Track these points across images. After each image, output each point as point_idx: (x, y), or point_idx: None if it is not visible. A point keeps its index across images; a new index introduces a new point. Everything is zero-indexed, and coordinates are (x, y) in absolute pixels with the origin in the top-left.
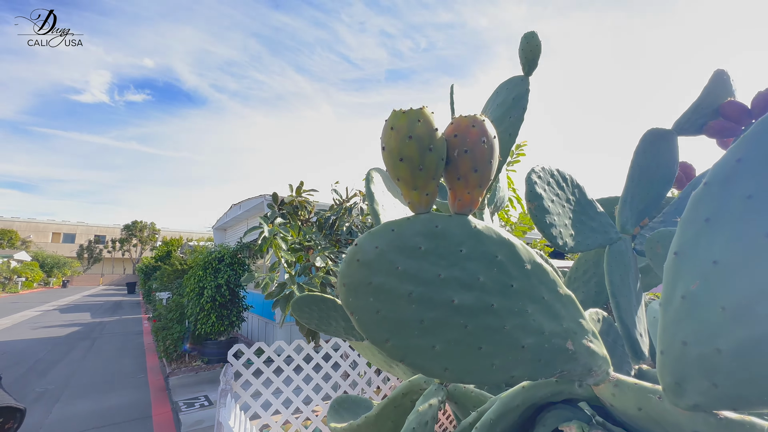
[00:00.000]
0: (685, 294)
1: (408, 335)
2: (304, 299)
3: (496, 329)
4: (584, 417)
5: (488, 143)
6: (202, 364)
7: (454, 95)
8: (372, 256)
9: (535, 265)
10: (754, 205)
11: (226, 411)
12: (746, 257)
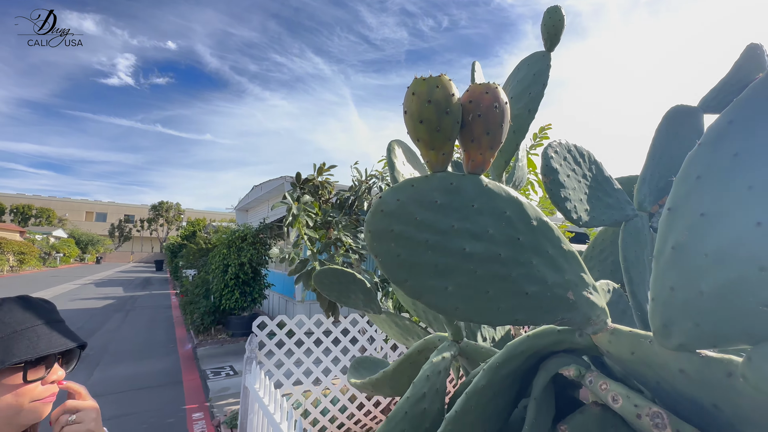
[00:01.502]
0: (674, 245)
1: (424, 277)
2: (326, 272)
3: (503, 277)
4: (583, 364)
5: (500, 108)
6: (226, 337)
7: (476, 73)
8: (394, 207)
9: (541, 222)
10: (740, 162)
11: (251, 377)
12: (729, 209)
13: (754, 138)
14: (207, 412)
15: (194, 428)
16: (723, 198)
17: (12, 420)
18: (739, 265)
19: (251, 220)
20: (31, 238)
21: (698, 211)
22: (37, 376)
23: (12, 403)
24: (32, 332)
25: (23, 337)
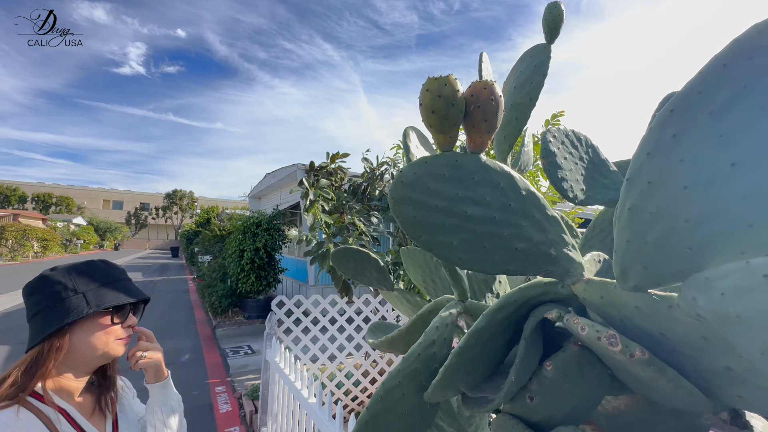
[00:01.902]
0: (630, 207)
1: (434, 234)
2: (342, 251)
3: (497, 235)
4: (565, 310)
5: (495, 101)
6: (243, 319)
7: (483, 63)
8: (411, 179)
9: (530, 192)
10: (677, 141)
11: (271, 351)
12: (667, 177)
13: (686, 123)
14: (228, 386)
15: (218, 400)
16: (664, 169)
17: (101, 353)
18: (671, 219)
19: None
20: (53, 226)
21: (646, 180)
22: (120, 320)
23: (103, 339)
24: (114, 286)
25: (109, 289)
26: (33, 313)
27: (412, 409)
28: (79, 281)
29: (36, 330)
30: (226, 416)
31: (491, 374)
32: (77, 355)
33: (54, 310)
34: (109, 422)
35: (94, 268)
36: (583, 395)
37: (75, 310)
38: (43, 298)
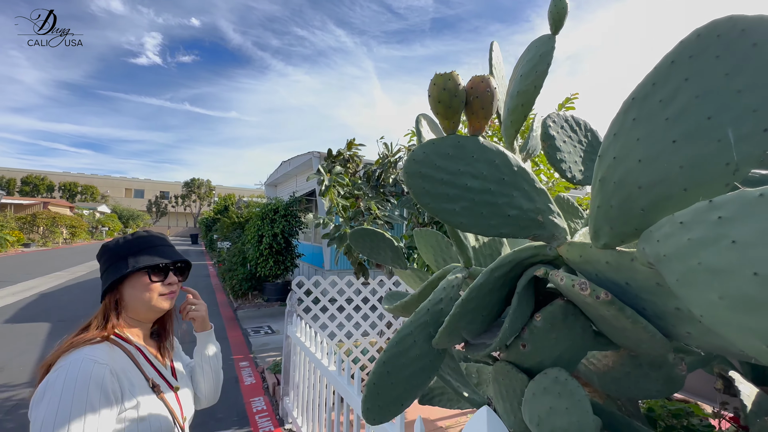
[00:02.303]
0: (600, 178)
1: (440, 202)
2: (359, 231)
3: (492, 203)
4: (552, 269)
5: (491, 92)
6: (262, 302)
7: (493, 53)
8: (421, 157)
9: (521, 168)
10: (636, 124)
11: (292, 327)
12: (627, 153)
13: (643, 109)
14: (251, 361)
15: (242, 373)
16: (625, 146)
17: (148, 305)
18: (629, 187)
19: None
20: (80, 213)
21: (612, 155)
22: (158, 279)
23: (147, 294)
24: (152, 251)
25: (147, 254)
26: (100, 274)
27: (421, 354)
28: (124, 248)
29: (102, 287)
30: (251, 388)
31: (489, 326)
32: (131, 307)
33: (109, 271)
34: (167, 364)
35: (138, 237)
36: (569, 344)
37: (120, 270)
38: (103, 263)
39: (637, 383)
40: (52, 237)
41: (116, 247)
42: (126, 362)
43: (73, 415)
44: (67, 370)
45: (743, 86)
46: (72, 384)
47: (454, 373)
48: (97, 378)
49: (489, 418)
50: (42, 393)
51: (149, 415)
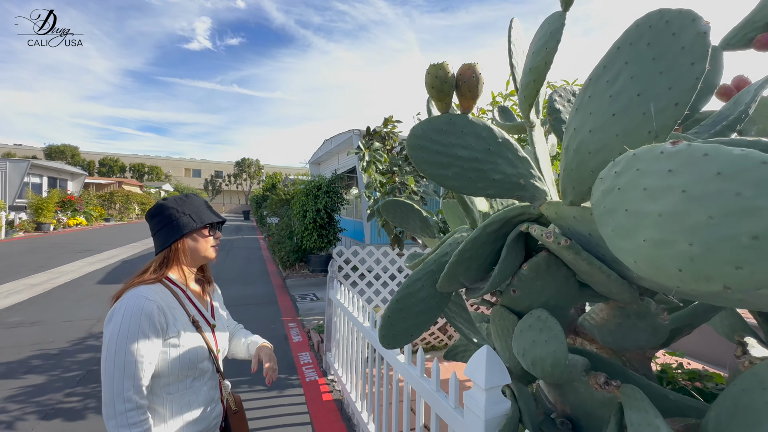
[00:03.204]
0: (566, 146)
1: (436, 168)
2: (390, 202)
3: (480, 169)
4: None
5: (476, 77)
6: (308, 272)
7: (512, 30)
8: (420, 132)
9: (505, 139)
10: (591, 99)
11: (333, 291)
12: (583, 124)
13: (596, 88)
14: (299, 323)
15: (291, 333)
16: (582, 119)
17: (203, 254)
18: (583, 152)
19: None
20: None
21: (573, 127)
22: (211, 233)
23: (203, 245)
24: (205, 210)
25: (202, 212)
26: (158, 228)
27: (428, 296)
28: (185, 207)
29: (162, 239)
30: (298, 344)
31: (485, 274)
32: (188, 255)
33: (173, 225)
34: (208, 306)
35: (191, 198)
36: (554, 291)
37: (188, 225)
38: (164, 218)
39: (629, 334)
40: (127, 213)
41: (176, 205)
42: (172, 300)
43: (129, 337)
44: (127, 302)
45: (664, 68)
46: (129, 313)
47: (466, 323)
48: (146, 311)
49: (488, 353)
50: (110, 317)
51: (188, 345)
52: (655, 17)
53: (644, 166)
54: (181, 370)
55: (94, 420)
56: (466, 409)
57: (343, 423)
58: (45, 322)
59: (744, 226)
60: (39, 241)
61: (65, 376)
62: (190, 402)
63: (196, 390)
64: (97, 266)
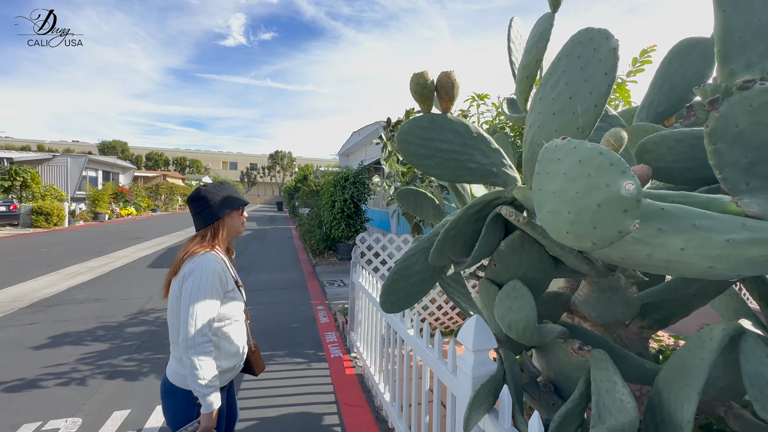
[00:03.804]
0: (524, 139)
1: (420, 158)
2: (404, 191)
3: (457, 160)
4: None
5: (451, 83)
6: (336, 260)
7: (511, 29)
8: (407, 129)
9: (479, 134)
10: (541, 101)
11: (356, 275)
12: (534, 121)
13: (544, 91)
14: (326, 306)
15: (319, 314)
16: (535, 117)
17: (236, 231)
18: (534, 145)
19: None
20: (189, 184)
21: (529, 123)
22: (243, 213)
23: (237, 223)
24: (238, 194)
25: (236, 196)
26: (201, 209)
27: (422, 269)
28: (223, 191)
29: (206, 217)
30: (325, 325)
31: (470, 251)
32: (226, 230)
33: (215, 206)
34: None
35: (225, 184)
36: (530, 265)
37: (228, 206)
38: (205, 201)
39: (607, 307)
40: (171, 204)
41: (217, 190)
42: (224, 264)
43: (207, 289)
44: (202, 263)
45: (587, 77)
46: (205, 271)
47: (464, 297)
48: (216, 270)
49: (477, 321)
50: (189, 273)
51: (236, 299)
52: (583, 34)
53: (548, 155)
54: (231, 316)
55: (148, 381)
56: (458, 370)
57: (363, 394)
58: (105, 299)
59: (593, 197)
60: (96, 230)
61: (124, 344)
62: (232, 340)
63: (237, 332)
64: (147, 252)
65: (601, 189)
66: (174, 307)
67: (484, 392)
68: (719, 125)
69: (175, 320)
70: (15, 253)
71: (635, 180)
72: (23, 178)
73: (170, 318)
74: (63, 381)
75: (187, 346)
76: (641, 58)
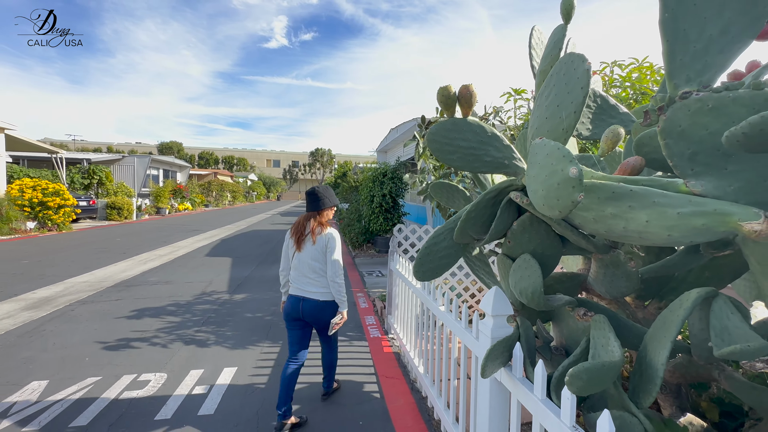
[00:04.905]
0: (527, 137)
1: (445, 154)
2: (437, 184)
3: (475, 154)
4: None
5: (470, 93)
6: (374, 252)
7: (532, 39)
8: (435, 131)
9: (493, 134)
10: (537, 107)
11: (393, 263)
12: (532, 123)
13: (540, 99)
14: (365, 293)
15: (359, 301)
16: (533, 120)
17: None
18: (531, 142)
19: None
20: (237, 181)
21: (529, 125)
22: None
23: (331, 213)
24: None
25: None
26: (317, 200)
27: (448, 246)
28: (327, 193)
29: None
30: (364, 310)
31: (487, 230)
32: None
33: (329, 199)
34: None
35: (328, 188)
36: (539, 241)
37: (332, 201)
38: (321, 196)
39: (612, 282)
40: (221, 200)
41: (326, 190)
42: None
43: (339, 249)
44: (334, 232)
45: (569, 90)
46: (337, 237)
47: (487, 275)
48: (340, 237)
49: (496, 290)
50: (329, 239)
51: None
52: (567, 58)
53: (532, 150)
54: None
55: (215, 349)
56: (480, 333)
57: (399, 369)
58: (173, 282)
59: (555, 178)
60: (159, 222)
61: (193, 318)
62: None
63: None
64: (204, 243)
65: (558, 173)
66: (317, 257)
67: (500, 348)
68: (666, 125)
69: (317, 264)
70: (97, 242)
71: (578, 166)
72: (99, 177)
73: (312, 263)
74: (149, 344)
75: (335, 276)
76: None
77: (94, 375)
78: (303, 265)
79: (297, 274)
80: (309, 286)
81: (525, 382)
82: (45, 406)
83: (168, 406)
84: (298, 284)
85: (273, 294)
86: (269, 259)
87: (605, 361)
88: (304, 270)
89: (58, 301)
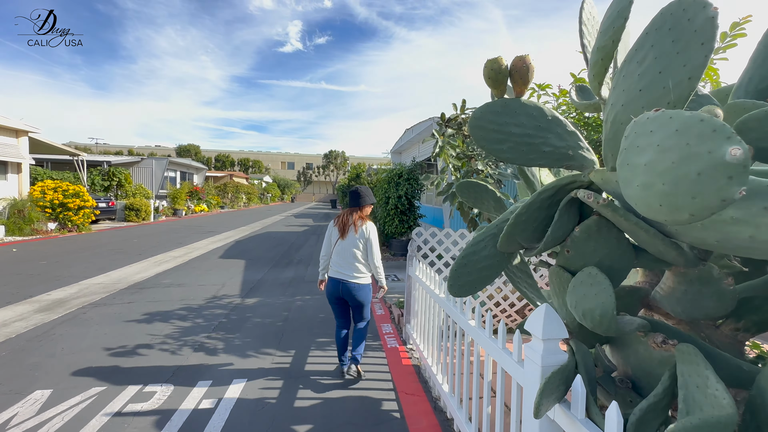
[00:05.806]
0: (604, 119)
1: (492, 143)
2: (465, 183)
3: (531, 143)
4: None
5: (526, 67)
6: (390, 256)
7: (583, 11)
8: (479, 114)
9: (554, 117)
10: (624, 78)
11: (412, 269)
12: (616, 99)
13: (629, 67)
14: (381, 300)
15: (374, 307)
16: (617, 95)
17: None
18: (617, 123)
19: (404, 161)
20: (252, 183)
21: (611, 102)
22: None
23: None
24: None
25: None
26: (357, 197)
27: (489, 255)
28: (366, 192)
29: (359, 203)
30: (381, 317)
31: (540, 236)
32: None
33: (365, 197)
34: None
35: (367, 189)
36: (607, 252)
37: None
38: (361, 194)
39: (695, 301)
40: (237, 201)
41: (363, 191)
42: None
43: (377, 240)
44: (373, 225)
45: (680, 49)
46: (375, 229)
47: (530, 287)
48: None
49: (546, 309)
50: (368, 230)
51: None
52: (675, 5)
53: (638, 129)
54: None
55: (224, 357)
56: (526, 359)
57: (420, 384)
58: (186, 284)
59: (692, 166)
60: (176, 224)
61: (203, 324)
62: None
63: None
64: (218, 244)
65: (701, 156)
66: (358, 246)
67: (556, 380)
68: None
69: (357, 251)
70: (114, 243)
71: (742, 145)
72: (119, 179)
73: (353, 250)
74: (157, 351)
75: (376, 260)
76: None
77: (98, 385)
78: (345, 251)
79: (339, 259)
80: (348, 269)
81: (589, 425)
82: (45, 419)
83: (173, 422)
84: (339, 268)
85: (285, 299)
86: (282, 262)
87: (719, 416)
88: (346, 255)
89: (71, 304)
